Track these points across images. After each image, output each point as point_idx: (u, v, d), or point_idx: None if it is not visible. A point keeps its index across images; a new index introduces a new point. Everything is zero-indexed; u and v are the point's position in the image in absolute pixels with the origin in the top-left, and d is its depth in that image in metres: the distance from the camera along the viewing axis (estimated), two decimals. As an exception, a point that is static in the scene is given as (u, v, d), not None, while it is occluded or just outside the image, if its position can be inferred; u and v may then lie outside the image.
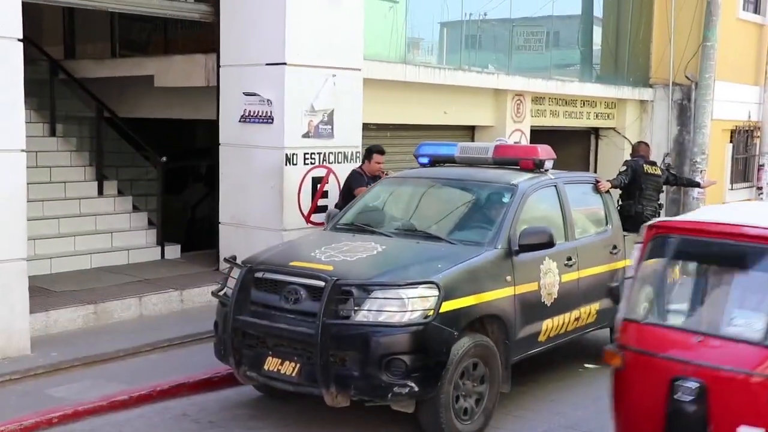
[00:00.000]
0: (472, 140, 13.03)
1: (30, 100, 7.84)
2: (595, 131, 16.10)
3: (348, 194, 9.17)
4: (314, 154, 9.90)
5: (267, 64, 9.58)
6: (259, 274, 6.45)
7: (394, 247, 6.83)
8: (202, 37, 10.63)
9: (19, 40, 7.53)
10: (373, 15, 10.95)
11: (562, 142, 14.15)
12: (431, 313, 5.85)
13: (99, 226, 10.99)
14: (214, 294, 6.78)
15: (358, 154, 10.23)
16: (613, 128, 15.81)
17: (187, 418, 6.65)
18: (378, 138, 10.96)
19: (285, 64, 9.44)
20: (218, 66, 10.13)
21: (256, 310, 6.30)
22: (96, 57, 13.18)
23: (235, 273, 6.60)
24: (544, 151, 7.95)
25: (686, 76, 15.77)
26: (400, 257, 6.63)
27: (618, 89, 15.58)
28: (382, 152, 9.52)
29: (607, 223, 8.53)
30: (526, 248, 6.81)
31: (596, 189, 8.64)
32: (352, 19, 10.10)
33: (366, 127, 10.46)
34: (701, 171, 15.37)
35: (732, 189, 17.26)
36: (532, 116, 13.87)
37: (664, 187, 15.56)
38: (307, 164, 9.83)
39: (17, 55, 7.52)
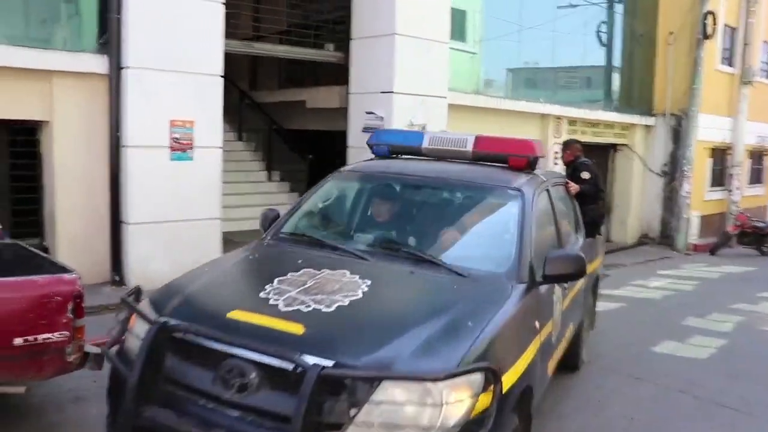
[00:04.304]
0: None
1: (225, 117, 8.06)
2: (614, 146, 15.48)
3: None
4: (412, 156, 9.78)
5: (381, 92, 9.54)
6: (178, 334, 2.76)
7: (383, 284, 3.15)
8: (337, 73, 10.63)
9: (220, 76, 7.76)
10: (459, 61, 10.81)
11: (589, 154, 13.68)
12: (484, 410, 2.52)
13: (268, 201, 11.11)
14: (105, 354, 3.11)
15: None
16: (626, 144, 15.18)
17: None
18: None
19: (393, 92, 9.40)
20: (348, 93, 10.14)
21: (172, 396, 2.67)
22: (269, 88, 13.42)
23: (140, 326, 2.89)
24: (540, 147, 4.37)
25: (679, 109, 15.05)
26: (403, 308, 3.05)
27: (630, 116, 14.92)
28: None
29: (577, 231, 5.30)
30: (551, 279, 3.48)
31: (566, 190, 5.47)
32: (440, 63, 9.93)
33: (449, 138, 10.27)
34: (687, 176, 14.75)
35: (711, 191, 16.45)
36: (568, 134, 13.35)
37: (663, 185, 15.11)
38: (408, 163, 9.68)
39: (219, 87, 7.76)
